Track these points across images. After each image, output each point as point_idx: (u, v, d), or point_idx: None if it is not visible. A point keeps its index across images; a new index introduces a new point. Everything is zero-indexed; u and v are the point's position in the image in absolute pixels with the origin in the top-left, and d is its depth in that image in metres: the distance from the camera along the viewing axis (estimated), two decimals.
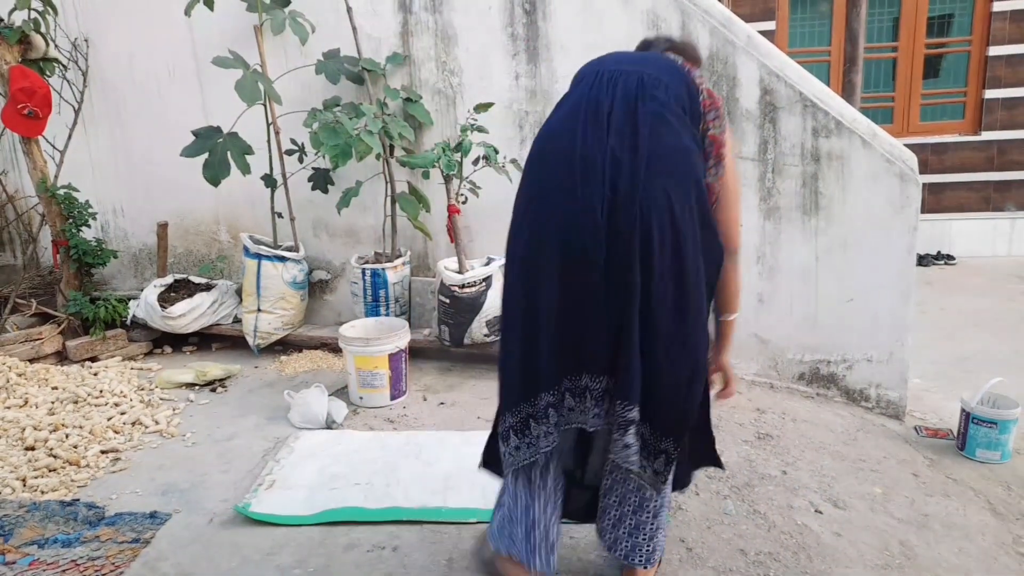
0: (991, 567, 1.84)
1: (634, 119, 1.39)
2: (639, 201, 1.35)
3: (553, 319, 1.43)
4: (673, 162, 1.40)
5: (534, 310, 1.44)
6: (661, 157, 1.38)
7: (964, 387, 2.87)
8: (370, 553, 1.83)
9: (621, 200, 1.36)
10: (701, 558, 1.81)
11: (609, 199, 1.36)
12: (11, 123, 3.26)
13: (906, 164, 2.74)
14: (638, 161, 1.36)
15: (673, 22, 2.90)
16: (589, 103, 1.43)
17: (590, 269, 1.39)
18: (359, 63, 3.21)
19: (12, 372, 2.95)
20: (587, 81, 1.48)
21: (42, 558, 1.82)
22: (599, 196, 1.36)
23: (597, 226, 1.36)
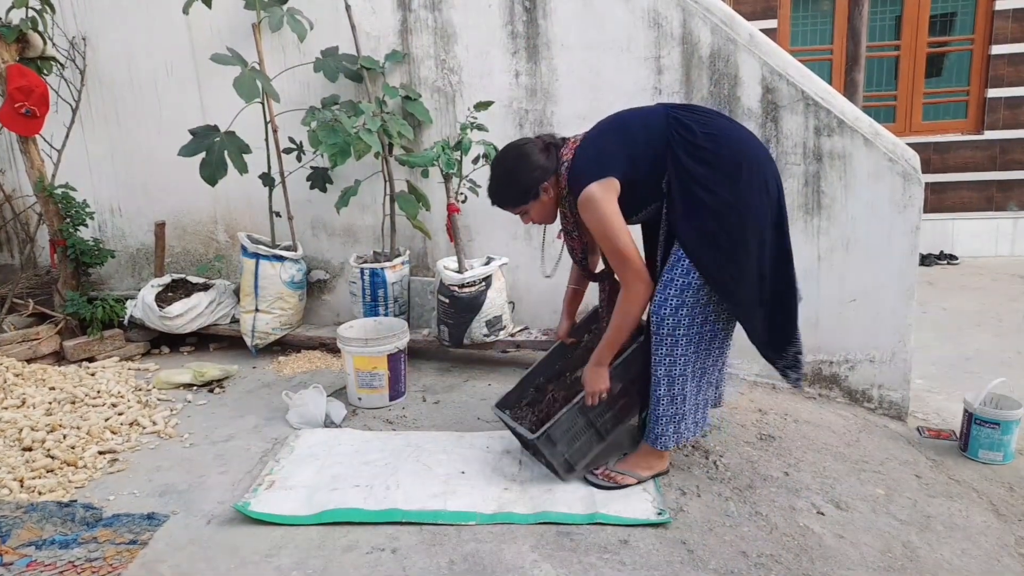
0: (994, 568, 1.83)
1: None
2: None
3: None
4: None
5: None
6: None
7: (967, 387, 2.86)
8: (369, 555, 1.82)
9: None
10: (703, 560, 1.79)
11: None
12: (8, 122, 3.25)
13: (908, 163, 2.72)
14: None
15: (674, 20, 2.88)
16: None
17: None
18: (358, 61, 3.19)
19: (9, 372, 2.94)
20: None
21: (40, 559, 1.80)
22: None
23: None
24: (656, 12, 2.90)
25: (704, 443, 2.39)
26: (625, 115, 2.09)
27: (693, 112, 2.02)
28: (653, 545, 1.85)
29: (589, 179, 1.93)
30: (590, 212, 1.93)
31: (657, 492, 2.08)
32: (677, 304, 1.96)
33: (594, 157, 2.00)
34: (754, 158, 1.96)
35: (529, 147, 2.09)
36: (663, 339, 1.99)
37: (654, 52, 2.93)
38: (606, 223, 1.92)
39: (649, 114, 2.05)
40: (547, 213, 2.13)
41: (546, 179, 2.05)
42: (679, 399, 2.04)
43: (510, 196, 2.10)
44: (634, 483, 2.10)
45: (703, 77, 2.88)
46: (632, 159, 1.96)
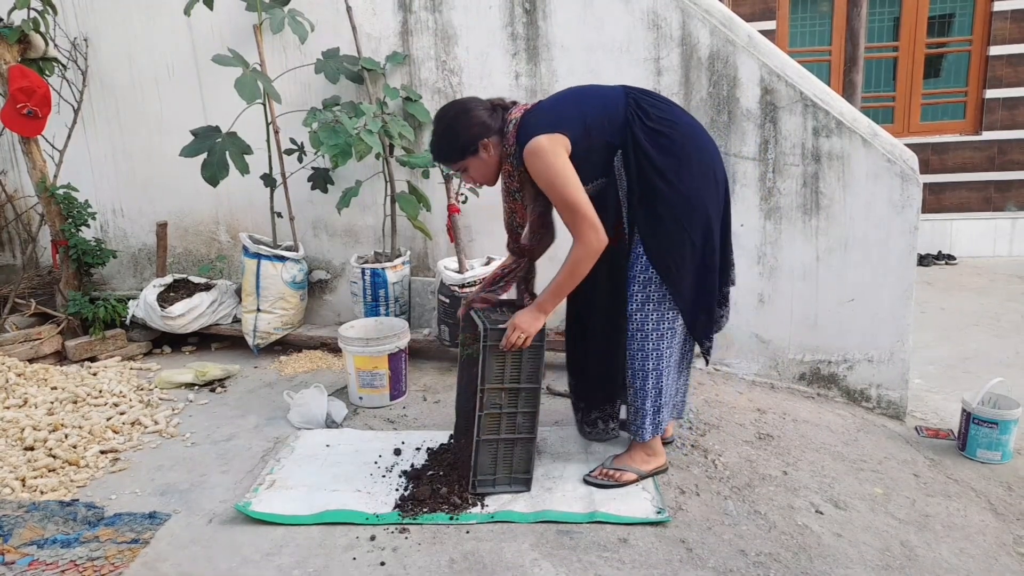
0: (992, 567, 1.84)
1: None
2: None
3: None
4: None
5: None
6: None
7: (965, 387, 2.87)
8: (370, 554, 1.82)
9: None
10: (701, 559, 1.80)
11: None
12: (10, 123, 3.26)
13: (907, 164, 2.73)
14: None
15: (673, 22, 2.89)
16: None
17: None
18: (359, 62, 3.20)
19: (11, 372, 2.95)
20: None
21: (41, 558, 1.81)
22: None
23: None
24: (655, 14, 2.91)
25: (703, 442, 2.40)
26: (584, 87, 2.10)
27: (651, 96, 2.03)
28: (652, 544, 1.86)
29: (538, 132, 1.91)
30: (537, 161, 1.89)
31: (656, 491, 2.09)
32: (642, 299, 2.00)
33: (546, 115, 1.98)
34: (705, 149, 2.01)
35: (472, 103, 2.06)
36: (634, 335, 2.03)
37: (653, 53, 2.94)
38: (554, 171, 1.88)
39: (609, 91, 2.04)
40: (487, 173, 2.08)
41: (487, 136, 2.01)
42: (655, 392, 2.07)
43: (448, 151, 2.06)
44: (635, 479, 2.11)
45: (702, 78, 2.89)
46: (586, 125, 1.94)
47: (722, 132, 2.89)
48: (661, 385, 2.07)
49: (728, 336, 3.02)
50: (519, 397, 2.04)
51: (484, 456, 2.05)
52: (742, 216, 2.92)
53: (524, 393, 2.04)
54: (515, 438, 2.06)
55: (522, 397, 2.04)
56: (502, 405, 2.03)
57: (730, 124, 2.88)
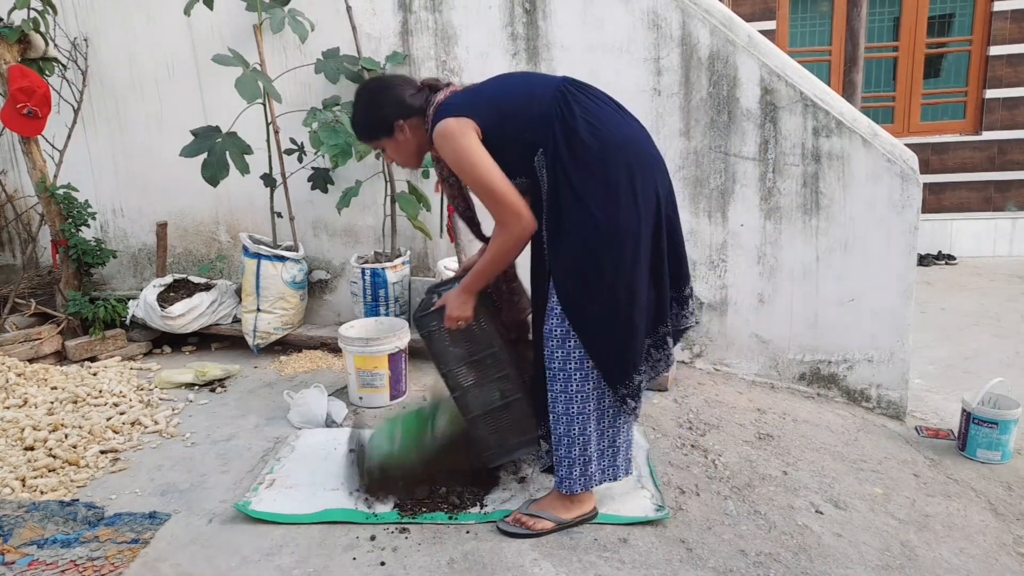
0: (992, 567, 1.84)
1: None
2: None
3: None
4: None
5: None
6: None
7: (965, 387, 2.88)
8: (370, 553, 1.83)
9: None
10: (701, 559, 1.80)
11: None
12: (10, 123, 3.26)
13: (907, 164, 2.73)
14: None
15: (673, 22, 2.89)
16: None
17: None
18: (359, 62, 3.20)
19: (11, 372, 2.95)
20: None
21: (41, 558, 1.81)
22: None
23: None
24: (655, 13, 2.91)
25: (703, 442, 2.40)
26: (520, 74, 1.95)
27: (586, 94, 1.80)
28: (652, 543, 1.86)
29: (448, 115, 1.78)
30: (446, 144, 1.77)
31: (656, 489, 2.09)
32: (562, 334, 1.79)
33: (461, 100, 1.85)
34: (634, 162, 1.75)
35: (394, 81, 1.96)
36: (556, 374, 1.82)
37: (653, 53, 2.94)
38: (464, 154, 1.74)
39: (541, 82, 1.88)
40: (406, 155, 1.97)
41: (404, 117, 1.88)
42: (581, 441, 1.84)
43: (362, 129, 1.97)
44: (552, 528, 1.89)
45: (702, 78, 2.90)
46: (500, 114, 1.79)
47: (722, 132, 2.89)
48: (588, 433, 1.84)
49: (728, 336, 3.02)
50: (484, 366, 2.00)
51: (482, 431, 2.03)
52: (742, 216, 2.92)
53: (488, 361, 1.99)
54: (504, 403, 2.02)
55: (487, 366, 1.99)
56: (473, 380, 2.00)
57: (730, 124, 2.88)
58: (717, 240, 2.99)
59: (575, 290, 1.77)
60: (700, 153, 2.96)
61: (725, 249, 2.96)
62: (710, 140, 2.92)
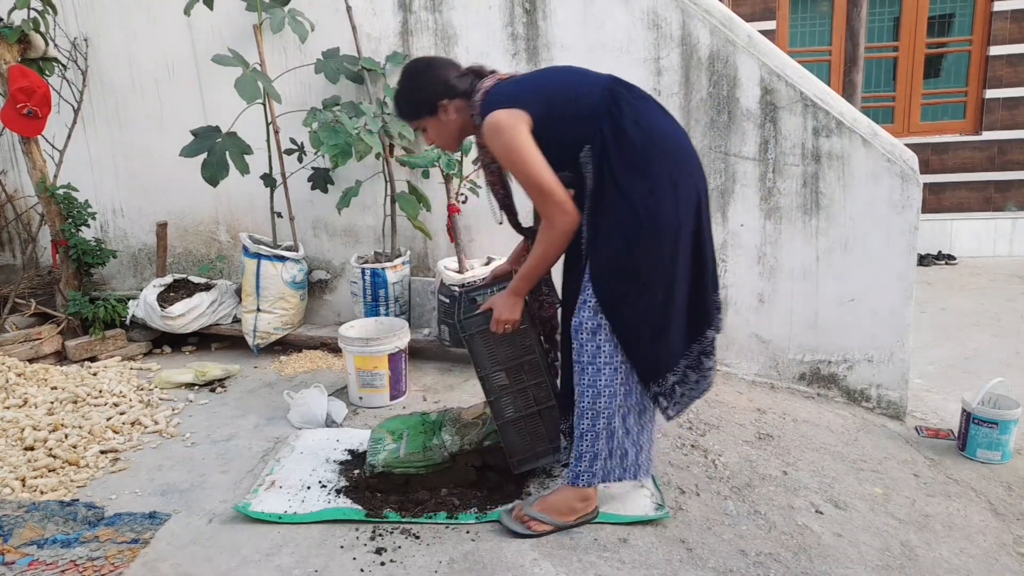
0: (992, 567, 1.84)
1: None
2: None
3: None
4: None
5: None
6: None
7: (965, 387, 2.87)
8: (370, 554, 1.83)
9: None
10: (701, 559, 1.80)
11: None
12: (10, 123, 3.26)
13: (907, 164, 2.73)
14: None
15: (673, 22, 2.89)
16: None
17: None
18: (359, 62, 3.20)
19: (11, 372, 2.95)
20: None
21: (41, 558, 1.81)
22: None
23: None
24: (655, 13, 2.91)
25: (703, 442, 2.40)
26: (568, 68, 1.96)
27: (632, 93, 1.82)
28: (652, 543, 1.86)
29: (498, 106, 1.78)
30: (497, 138, 1.76)
31: (656, 488, 2.09)
32: (593, 327, 1.79)
33: (512, 89, 1.84)
34: (677, 163, 1.78)
35: (439, 61, 1.96)
36: (584, 367, 1.82)
37: (653, 53, 2.94)
38: (514, 148, 1.74)
39: (590, 78, 1.88)
40: (447, 137, 1.96)
41: (448, 98, 1.88)
42: (605, 435, 1.84)
43: (405, 106, 1.96)
44: (551, 530, 1.88)
45: (702, 78, 2.89)
46: (550, 106, 1.79)
47: (722, 132, 2.89)
48: (613, 428, 1.83)
49: (728, 336, 3.02)
50: (522, 372, 2.01)
51: (512, 436, 2.04)
52: (742, 216, 2.92)
53: (526, 366, 2.01)
54: (538, 410, 2.04)
55: (525, 371, 2.01)
56: (509, 385, 2.01)
57: (730, 124, 2.88)
58: (717, 240, 2.97)
59: (613, 286, 1.78)
60: (700, 153, 2.90)
61: (725, 249, 2.96)
62: (710, 140, 2.92)
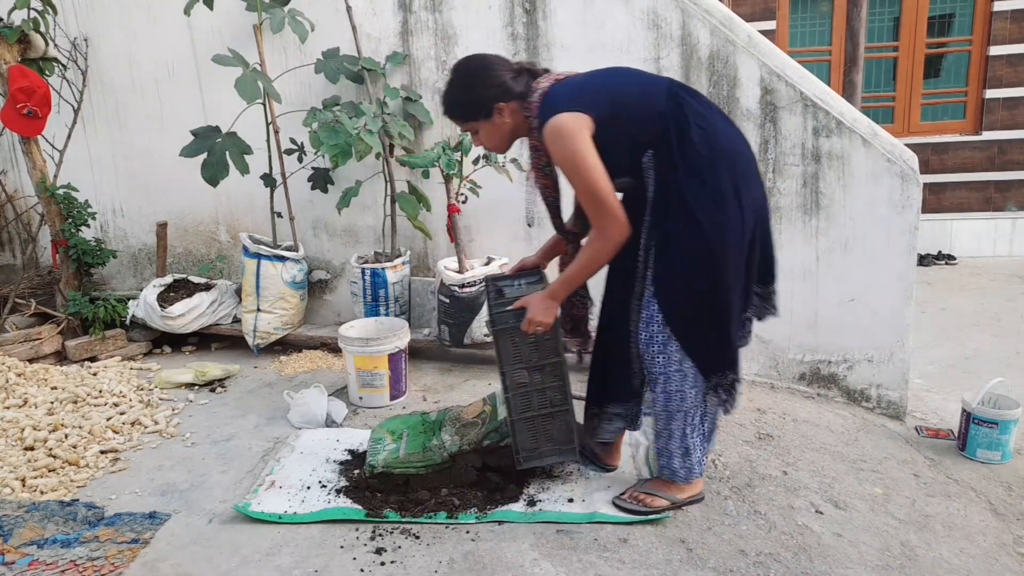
0: (992, 567, 1.84)
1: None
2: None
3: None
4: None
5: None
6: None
7: (965, 387, 2.87)
8: (370, 554, 1.83)
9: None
10: (701, 559, 1.80)
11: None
12: (10, 123, 3.26)
13: (907, 164, 2.73)
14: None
15: (673, 22, 2.89)
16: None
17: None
18: (359, 62, 3.20)
19: (11, 372, 2.95)
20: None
21: (41, 558, 1.81)
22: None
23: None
24: (655, 13, 2.91)
25: None
26: (626, 69, 1.92)
27: (694, 98, 1.81)
28: (652, 543, 1.86)
29: (562, 109, 1.73)
30: (559, 143, 1.73)
31: None
32: (664, 339, 1.83)
33: (573, 90, 1.80)
34: (745, 175, 1.79)
35: (495, 61, 1.88)
36: (656, 377, 1.87)
37: (653, 53, 2.94)
38: (576, 154, 1.71)
39: (651, 81, 1.86)
40: (499, 140, 1.93)
41: (504, 100, 1.84)
42: (679, 435, 1.91)
43: (460, 108, 1.91)
44: (668, 505, 1.96)
45: (702, 78, 2.89)
46: (614, 109, 1.75)
47: None
48: (683, 426, 1.90)
49: None
50: (543, 372, 2.01)
51: (523, 433, 2.04)
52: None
53: (547, 368, 2.01)
54: (551, 411, 2.04)
55: (546, 372, 2.01)
56: (527, 382, 2.01)
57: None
58: None
59: (674, 295, 1.79)
60: None
61: None
62: None
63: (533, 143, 1.91)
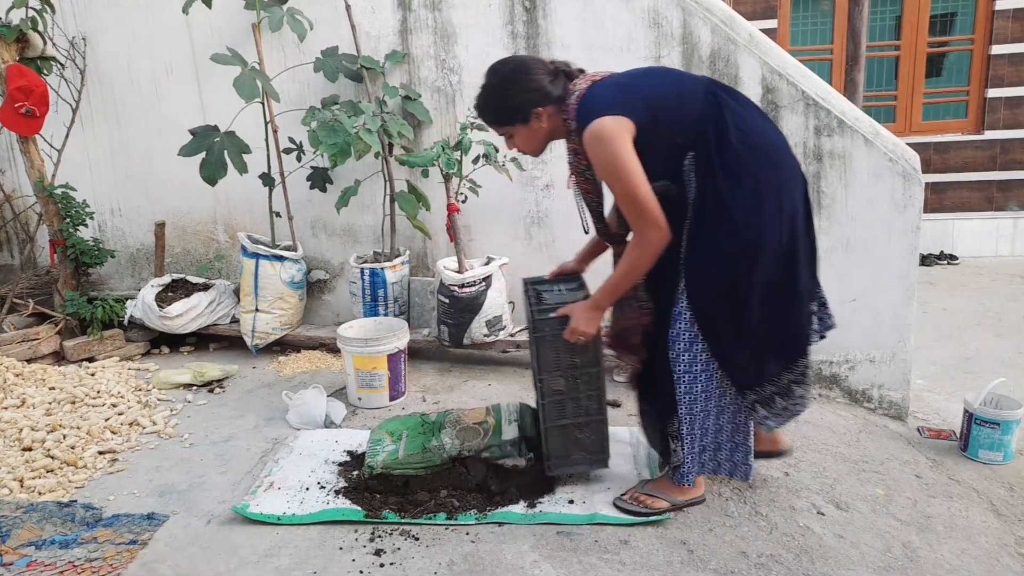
0: (993, 568, 1.83)
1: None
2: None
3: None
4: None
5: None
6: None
7: (967, 388, 2.86)
8: (369, 555, 1.82)
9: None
10: (703, 560, 1.79)
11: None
12: (8, 122, 3.25)
13: (908, 163, 2.72)
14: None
15: (674, 20, 2.88)
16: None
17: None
18: (358, 61, 3.19)
19: (9, 372, 2.94)
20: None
21: (39, 559, 1.81)
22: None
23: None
24: (656, 12, 2.90)
25: None
26: (663, 69, 1.89)
27: (733, 97, 1.78)
28: (653, 545, 1.85)
29: (602, 113, 1.71)
30: (600, 148, 1.70)
31: None
32: (690, 338, 1.80)
33: (612, 92, 1.77)
34: (782, 175, 1.76)
35: (533, 64, 1.85)
36: (681, 376, 1.84)
37: (654, 52, 2.93)
38: (617, 158, 1.68)
39: (689, 81, 1.83)
40: (536, 144, 1.91)
41: (542, 105, 1.82)
42: (700, 436, 1.89)
43: (496, 112, 1.88)
44: (668, 507, 1.96)
45: None
46: (653, 111, 1.72)
47: None
48: (707, 428, 1.89)
49: None
50: (580, 381, 1.99)
51: (555, 440, 2.03)
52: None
53: (585, 378, 1.99)
54: (585, 421, 2.03)
55: (583, 381, 2.00)
56: (563, 390, 2.00)
57: None
58: None
59: (708, 297, 1.77)
60: None
61: None
62: None
63: (572, 146, 1.89)
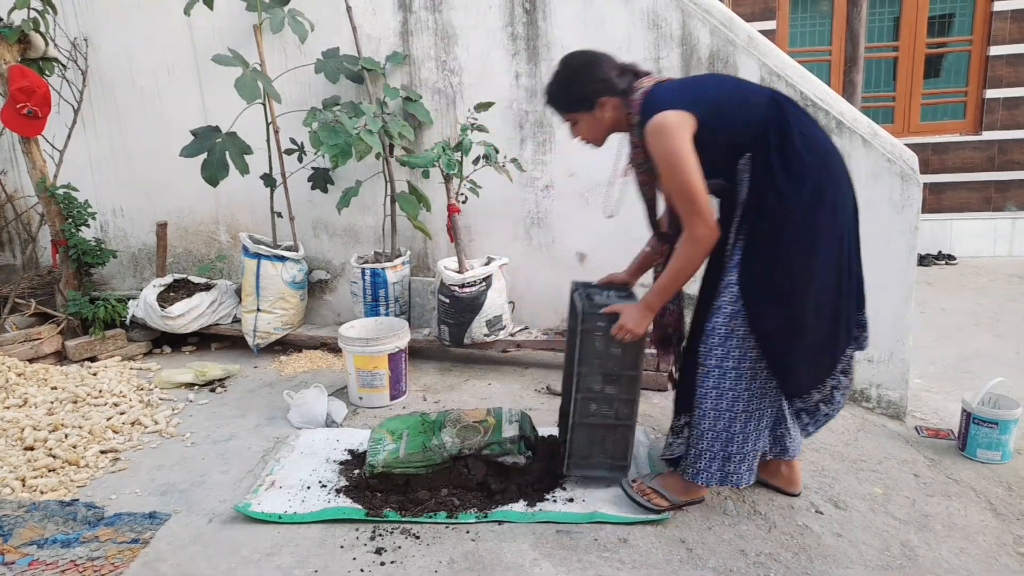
0: (991, 567, 1.84)
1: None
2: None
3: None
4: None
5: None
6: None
7: (965, 387, 2.87)
8: (370, 554, 1.83)
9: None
10: (701, 559, 1.80)
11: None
12: (10, 123, 3.26)
13: (907, 164, 2.73)
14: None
15: (673, 22, 2.89)
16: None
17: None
18: (359, 62, 3.20)
19: (11, 372, 2.95)
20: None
21: (41, 558, 1.81)
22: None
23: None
24: (655, 13, 2.91)
25: None
26: (725, 75, 1.94)
27: (797, 108, 1.82)
28: (652, 544, 1.86)
29: (666, 107, 1.75)
30: (661, 140, 1.74)
31: None
32: (726, 332, 1.81)
33: (677, 91, 1.83)
34: (841, 183, 1.80)
35: (603, 57, 1.92)
36: (710, 371, 1.85)
37: (654, 53, 2.94)
38: (676, 152, 1.71)
39: (754, 87, 1.91)
40: (598, 132, 1.96)
41: (608, 95, 1.88)
42: (724, 437, 1.88)
43: (564, 99, 1.94)
44: (667, 506, 1.97)
45: None
46: (717, 110, 1.77)
47: None
48: (733, 431, 1.87)
49: None
50: (618, 383, 1.99)
51: (580, 438, 2.03)
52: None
53: (623, 380, 1.99)
54: (614, 424, 2.03)
55: (621, 384, 1.99)
56: (599, 389, 1.99)
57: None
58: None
59: (763, 297, 1.77)
60: None
61: None
62: None
63: (633, 140, 1.93)
